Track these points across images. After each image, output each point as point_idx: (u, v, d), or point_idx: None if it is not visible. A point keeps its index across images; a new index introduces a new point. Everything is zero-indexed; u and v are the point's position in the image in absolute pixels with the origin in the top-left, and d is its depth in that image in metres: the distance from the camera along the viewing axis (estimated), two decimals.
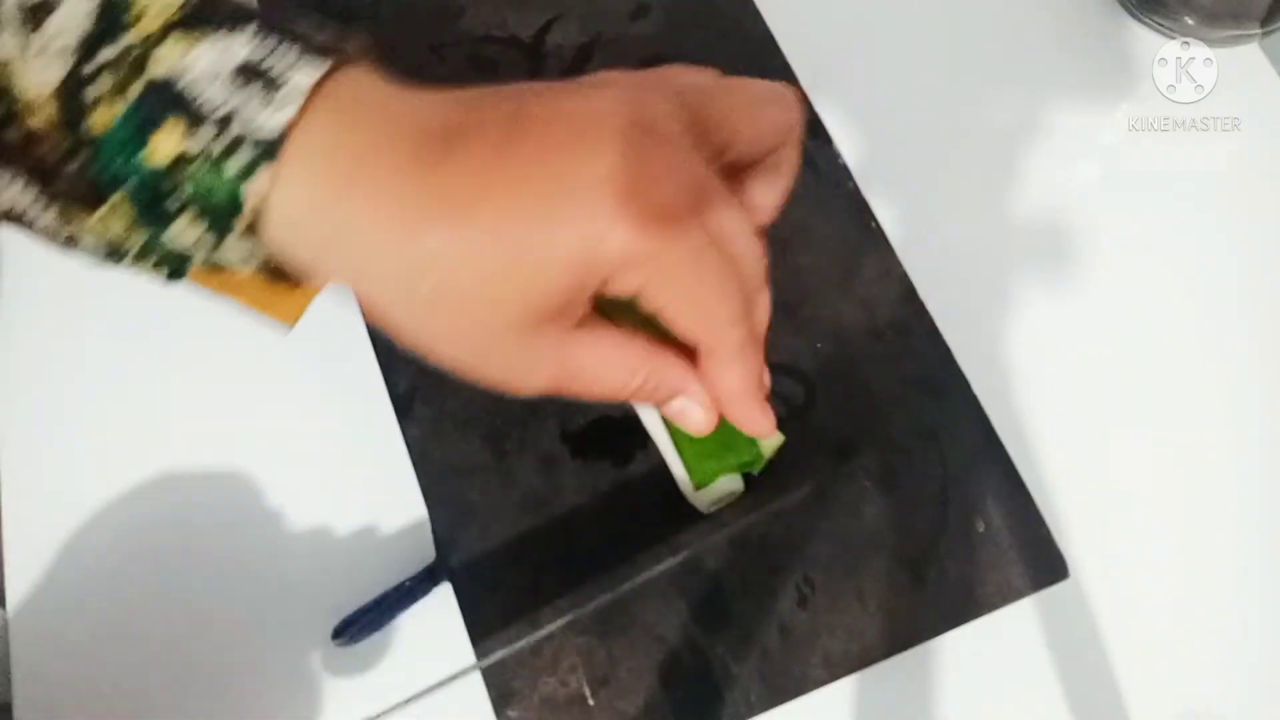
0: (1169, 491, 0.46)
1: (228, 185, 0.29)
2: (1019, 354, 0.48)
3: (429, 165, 0.29)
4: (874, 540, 0.42)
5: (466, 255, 0.29)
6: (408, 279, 0.30)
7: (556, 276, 0.29)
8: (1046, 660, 0.43)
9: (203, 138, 0.29)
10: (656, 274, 0.30)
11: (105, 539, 0.44)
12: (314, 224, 0.30)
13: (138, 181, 0.30)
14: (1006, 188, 0.51)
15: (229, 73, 0.29)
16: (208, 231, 0.31)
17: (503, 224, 0.29)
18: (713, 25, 0.50)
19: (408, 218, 0.29)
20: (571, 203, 0.29)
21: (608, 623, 0.40)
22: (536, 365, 0.32)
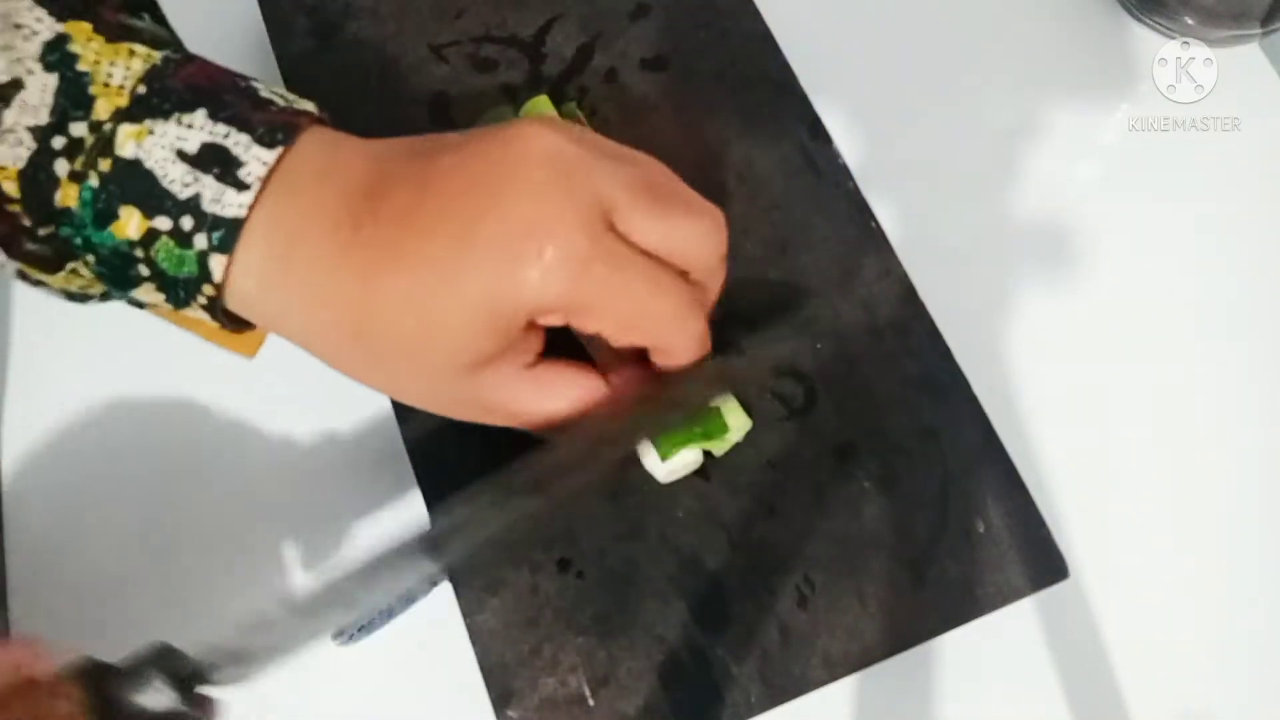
0: (1169, 492, 0.46)
1: (195, 259, 0.30)
2: (1019, 354, 0.48)
3: (350, 231, 0.30)
4: (874, 540, 0.42)
5: (388, 315, 0.30)
6: (346, 339, 0.31)
7: (471, 326, 0.30)
8: (1046, 660, 0.43)
9: (172, 215, 0.30)
10: (577, 307, 0.30)
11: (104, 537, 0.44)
12: (261, 298, 0.31)
13: (108, 250, 0.30)
14: (1007, 188, 0.51)
15: (192, 155, 0.30)
16: (168, 301, 0.32)
17: (413, 283, 0.30)
18: (713, 25, 0.50)
19: (331, 291, 0.30)
20: (473, 255, 0.29)
21: (607, 622, 0.40)
22: (492, 406, 0.33)
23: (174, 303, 0.32)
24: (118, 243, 0.30)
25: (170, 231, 0.30)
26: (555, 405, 0.34)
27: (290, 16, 0.50)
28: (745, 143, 0.48)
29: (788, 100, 0.49)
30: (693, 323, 0.33)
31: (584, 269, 0.29)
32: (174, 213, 0.30)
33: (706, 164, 0.47)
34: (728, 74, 0.49)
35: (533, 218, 0.29)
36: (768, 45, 0.50)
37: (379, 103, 0.49)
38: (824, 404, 0.43)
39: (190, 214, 0.30)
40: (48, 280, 0.33)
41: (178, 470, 0.45)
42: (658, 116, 0.48)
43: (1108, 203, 0.51)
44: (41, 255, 0.32)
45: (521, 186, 0.30)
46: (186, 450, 0.46)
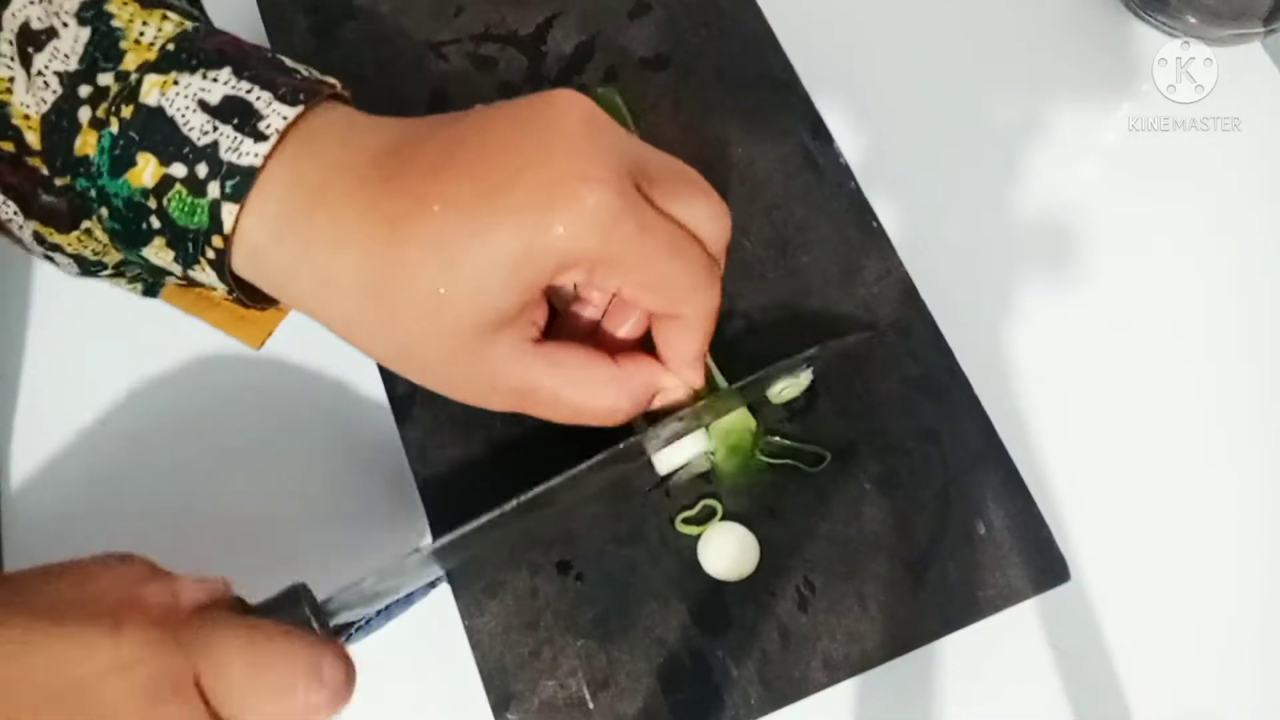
0: (1171, 493, 0.46)
1: (207, 207, 0.30)
2: (1021, 354, 0.48)
3: (376, 188, 0.31)
4: (874, 542, 0.41)
5: (412, 268, 0.30)
6: (363, 295, 0.31)
7: (499, 279, 0.30)
8: (1048, 663, 0.43)
9: (187, 162, 0.30)
10: (605, 260, 0.31)
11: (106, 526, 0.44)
12: (276, 250, 0.31)
13: (121, 201, 0.31)
14: (1008, 187, 0.51)
15: (213, 106, 0.30)
16: (175, 260, 0.32)
17: (442, 234, 0.30)
18: (714, 23, 0.50)
19: (358, 238, 0.31)
20: (509, 203, 0.30)
21: (607, 625, 0.40)
22: (498, 377, 0.33)
23: (182, 260, 0.32)
24: (132, 191, 0.31)
25: (185, 179, 0.30)
26: (568, 386, 0.34)
27: (289, 15, 0.50)
28: (746, 142, 0.47)
29: (789, 99, 0.48)
30: (708, 292, 0.33)
31: (615, 223, 0.30)
32: (190, 160, 0.30)
33: (707, 163, 0.47)
34: (728, 73, 0.49)
35: (572, 170, 0.30)
36: (769, 44, 0.49)
37: (378, 101, 0.48)
38: (824, 404, 0.43)
39: (206, 161, 0.30)
40: (62, 242, 0.33)
41: (182, 460, 0.45)
42: (658, 115, 0.48)
43: (1110, 203, 0.51)
44: (56, 210, 0.32)
45: (562, 142, 0.30)
46: (190, 441, 0.45)
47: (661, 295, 0.33)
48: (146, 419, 0.46)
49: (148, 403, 0.46)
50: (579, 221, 0.30)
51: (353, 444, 0.45)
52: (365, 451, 0.45)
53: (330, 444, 0.45)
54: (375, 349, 0.33)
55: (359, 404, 0.45)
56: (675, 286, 0.33)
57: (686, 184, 0.33)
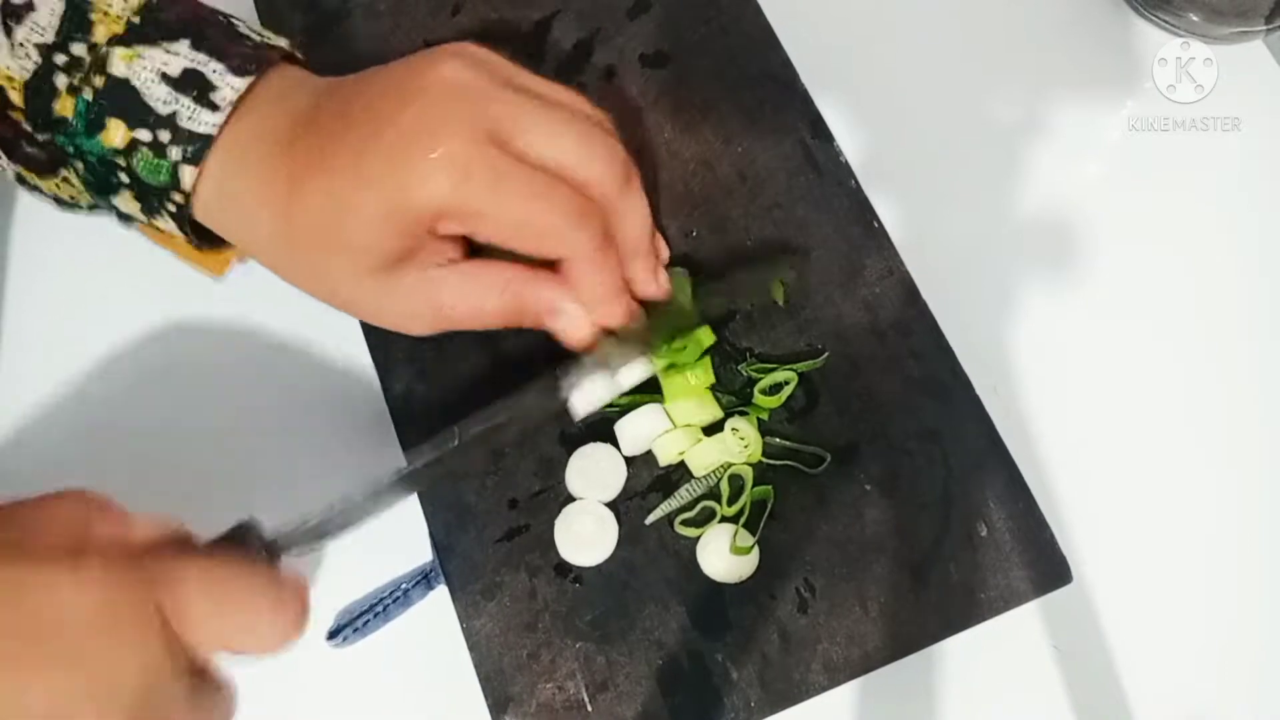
0: (1173, 494, 0.46)
1: (168, 169, 0.35)
2: (1022, 355, 0.47)
3: (287, 146, 0.35)
4: (875, 544, 0.41)
5: (310, 212, 0.35)
6: (278, 239, 0.36)
7: (379, 226, 0.34)
8: (1050, 665, 0.43)
9: (151, 128, 0.35)
10: (464, 211, 0.34)
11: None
12: (218, 206, 0.36)
13: (95, 158, 0.35)
14: (1009, 187, 0.51)
15: (174, 78, 0.35)
16: (141, 210, 0.37)
17: (329, 184, 0.34)
18: (714, 21, 0.49)
19: (269, 192, 0.35)
20: (375, 160, 0.34)
21: (606, 627, 0.40)
22: (410, 304, 0.37)
23: (147, 211, 0.37)
24: (104, 150, 0.35)
25: (150, 144, 0.35)
26: (484, 298, 0.37)
27: (286, 13, 0.50)
28: (746, 140, 0.47)
29: (789, 98, 0.48)
30: (581, 232, 0.35)
31: (465, 173, 0.33)
32: (154, 126, 0.35)
33: (707, 162, 0.47)
34: (728, 71, 0.49)
35: (421, 127, 0.33)
36: (769, 42, 0.49)
37: None
38: (825, 405, 0.43)
39: (168, 128, 0.35)
40: (41, 185, 0.38)
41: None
42: (657, 114, 0.48)
43: (1111, 202, 0.51)
44: (37, 160, 0.36)
45: (417, 102, 0.34)
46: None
47: (533, 240, 0.35)
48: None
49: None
50: (429, 176, 0.33)
51: (351, 446, 0.45)
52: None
53: (328, 446, 0.45)
54: (298, 285, 0.37)
55: (356, 405, 0.45)
56: (543, 230, 0.35)
57: (557, 125, 0.35)
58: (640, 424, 0.41)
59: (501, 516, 0.41)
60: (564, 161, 0.35)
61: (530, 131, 0.34)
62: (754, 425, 0.42)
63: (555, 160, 0.35)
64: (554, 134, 0.35)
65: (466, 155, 0.33)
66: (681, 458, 0.42)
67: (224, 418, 0.45)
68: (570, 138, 0.35)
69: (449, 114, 0.34)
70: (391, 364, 0.43)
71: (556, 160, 0.35)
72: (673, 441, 0.41)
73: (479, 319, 0.37)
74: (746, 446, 0.41)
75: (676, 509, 0.41)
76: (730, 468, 0.41)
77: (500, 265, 0.37)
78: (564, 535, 0.41)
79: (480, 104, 0.34)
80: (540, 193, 0.34)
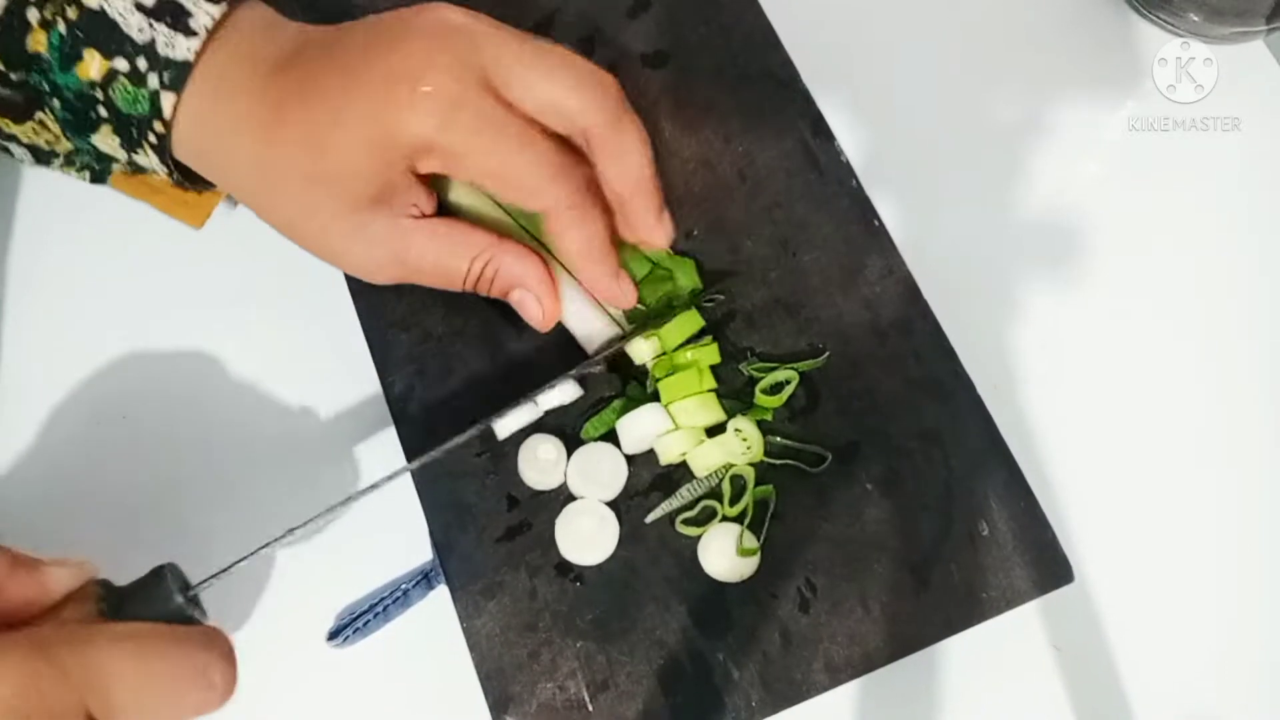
0: (1174, 494, 0.46)
1: (148, 98, 0.35)
2: (1023, 354, 0.47)
3: (268, 77, 0.35)
4: (876, 543, 0.41)
5: (288, 151, 0.35)
6: (254, 174, 0.36)
7: (354, 157, 0.34)
8: (1051, 665, 0.43)
9: (129, 57, 0.34)
10: (447, 150, 0.34)
11: (97, 537, 0.43)
12: (196, 134, 0.36)
13: (71, 93, 0.35)
14: (1010, 187, 0.51)
15: (149, 7, 0.34)
16: (120, 145, 0.36)
17: (309, 116, 0.35)
18: (714, 21, 0.49)
19: (248, 126, 0.35)
20: (358, 94, 0.34)
21: (607, 627, 0.40)
22: (376, 248, 0.37)
23: (127, 145, 0.36)
24: (80, 85, 0.35)
25: (128, 73, 0.34)
26: (450, 257, 0.38)
27: (288, 12, 0.49)
28: (747, 140, 0.47)
29: (790, 97, 0.48)
30: (559, 186, 0.36)
31: (452, 112, 0.34)
32: (131, 54, 0.34)
33: (708, 161, 0.47)
34: (729, 70, 0.49)
35: (410, 65, 0.34)
36: (770, 41, 0.49)
37: None
38: (826, 404, 0.43)
39: (145, 56, 0.34)
40: (17, 133, 0.37)
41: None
42: (658, 113, 0.48)
43: (1111, 202, 0.51)
44: (12, 103, 0.36)
45: (410, 40, 0.35)
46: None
47: (512, 187, 0.36)
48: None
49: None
50: (415, 110, 0.34)
51: (351, 446, 0.45)
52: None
53: (327, 446, 0.45)
54: (271, 220, 0.38)
55: (356, 405, 0.45)
56: (523, 177, 0.35)
57: (552, 63, 0.36)
58: (642, 422, 0.41)
59: (501, 516, 0.41)
60: (556, 98, 0.35)
61: (524, 71, 0.35)
62: (756, 426, 0.42)
63: (549, 98, 0.35)
64: (548, 71, 0.35)
65: (455, 94, 0.34)
66: (683, 458, 0.42)
67: (224, 418, 0.45)
68: (563, 75, 0.36)
69: (441, 52, 0.34)
70: (391, 364, 0.43)
71: (550, 97, 0.35)
72: (675, 442, 0.41)
73: (442, 278, 0.38)
74: (749, 448, 0.41)
75: (677, 508, 0.41)
76: (732, 468, 0.41)
77: (471, 230, 0.38)
78: (565, 534, 0.40)
79: (473, 44, 0.35)
80: (522, 143, 0.35)
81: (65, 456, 0.44)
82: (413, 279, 0.38)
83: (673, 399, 0.41)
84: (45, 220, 0.47)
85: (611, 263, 0.39)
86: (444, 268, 0.38)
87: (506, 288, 0.39)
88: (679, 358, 0.42)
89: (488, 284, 0.39)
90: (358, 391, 0.45)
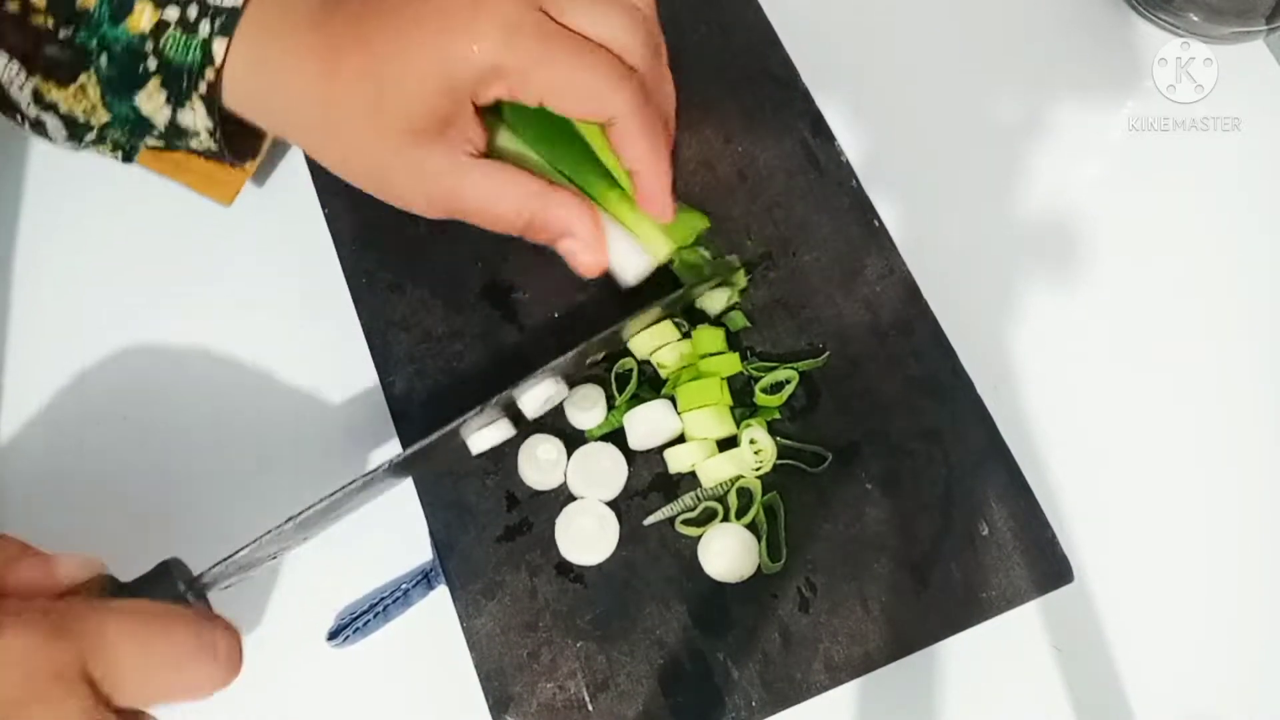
0: (1174, 494, 0.46)
1: (199, 45, 0.35)
2: (1023, 354, 0.47)
3: (321, 21, 0.36)
4: (876, 543, 0.41)
5: (350, 82, 0.36)
6: (314, 108, 0.36)
7: (421, 88, 0.35)
8: (1051, 664, 0.43)
9: (181, 5, 0.35)
10: (511, 71, 0.35)
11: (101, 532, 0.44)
12: (249, 78, 0.36)
13: (120, 46, 0.35)
14: (1010, 187, 0.51)
15: None
16: (167, 100, 0.36)
17: (373, 54, 0.35)
18: (714, 21, 0.49)
19: (304, 63, 0.36)
20: (420, 29, 0.35)
21: (607, 626, 0.40)
22: (431, 183, 0.38)
23: (174, 99, 0.36)
24: (130, 37, 0.35)
25: (178, 21, 0.35)
26: (502, 199, 0.38)
27: None
28: (747, 140, 0.47)
29: (790, 97, 0.48)
30: (623, 93, 0.37)
31: (513, 33, 0.35)
32: (182, 3, 0.35)
33: (708, 161, 0.47)
34: (729, 70, 0.49)
35: None
36: (769, 41, 0.49)
37: None
38: (826, 404, 0.43)
39: (196, 3, 0.35)
40: (58, 99, 0.37)
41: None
42: None
43: (1111, 202, 0.51)
44: (58, 63, 0.36)
45: None
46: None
47: (578, 98, 0.37)
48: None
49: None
50: (479, 33, 0.35)
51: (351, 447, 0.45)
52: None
53: (327, 446, 0.45)
54: (326, 157, 0.38)
55: (356, 406, 0.45)
56: (589, 88, 0.36)
57: (604, 9, 0.37)
58: (649, 418, 0.41)
59: (501, 516, 0.41)
60: (605, 29, 0.36)
61: (575, 6, 0.36)
62: (769, 435, 0.41)
63: (596, 28, 0.36)
64: (598, 10, 0.36)
65: (513, 15, 0.35)
66: (694, 469, 0.41)
67: (223, 418, 0.45)
68: (614, 15, 0.37)
69: None
70: (391, 364, 0.43)
71: (597, 28, 0.36)
72: (686, 453, 0.41)
73: (492, 218, 0.38)
74: (760, 464, 0.41)
75: (679, 510, 0.41)
76: (739, 480, 0.41)
77: (525, 174, 0.38)
78: (565, 534, 0.40)
79: None
80: (585, 53, 0.36)
81: (67, 456, 0.44)
82: (463, 216, 0.39)
83: (689, 407, 0.41)
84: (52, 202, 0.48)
85: (670, 174, 0.40)
86: (497, 209, 0.38)
87: (556, 235, 0.39)
88: (703, 365, 0.42)
89: (537, 229, 0.39)
90: (358, 391, 0.45)
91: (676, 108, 0.41)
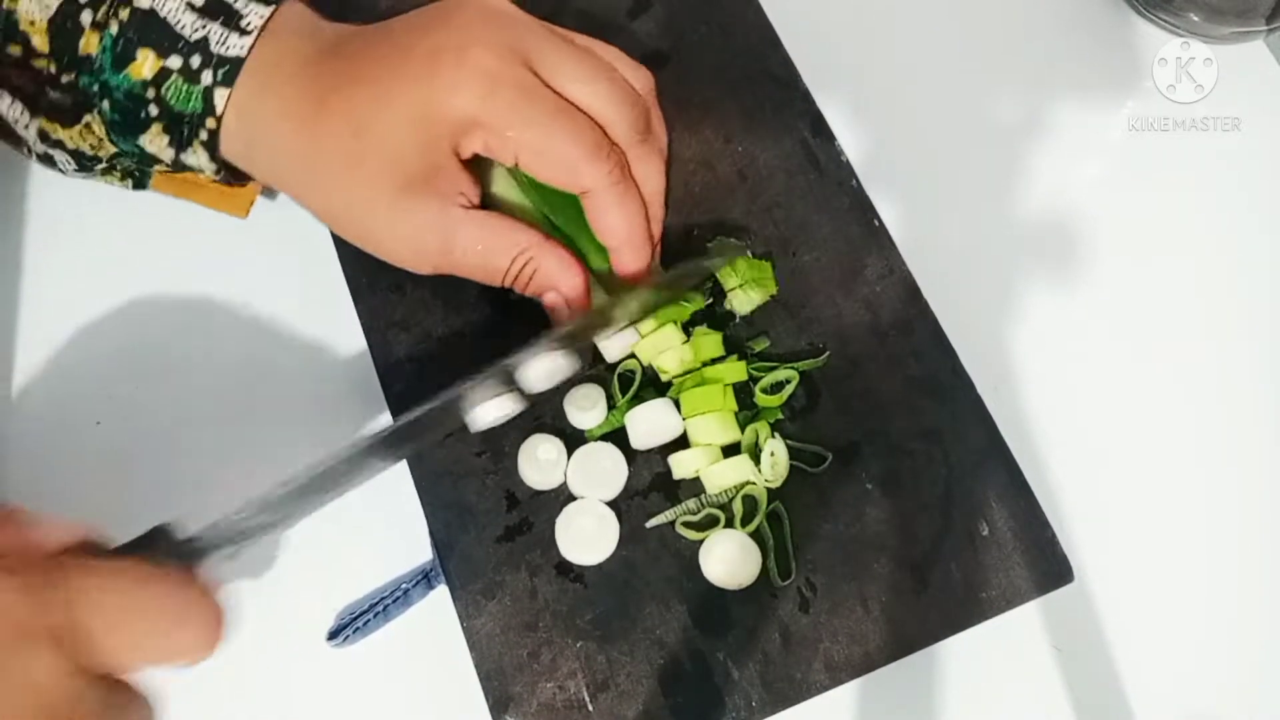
0: (1174, 494, 0.46)
1: (201, 94, 0.35)
2: (1023, 354, 0.47)
3: (312, 69, 0.36)
4: (876, 543, 0.41)
5: (332, 134, 0.36)
6: (298, 160, 0.37)
7: (400, 140, 0.35)
8: (1051, 664, 0.43)
9: (183, 55, 0.35)
10: (490, 124, 0.35)
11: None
12: (242, 127, 0.36)
13: (122, 93, 0.36)
14: (1010, 186, 0.51)
15: (199, 6, 0.35)
16: (169, 144, 0.37)
17: (352, 101, 0.35)
18: (714, 21, 0.49)
19: (295, 114, 0.36)
20: (403, 74, 0.35)
21: (607, 626, 0.40)
22: (424, 237, 0.37)
23: (176, 144, 0.37)
24: (133, 84, 0.35)
25: (180, 69, 0.35)
26: (497, 250, 0.38)
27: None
28: (747, 140, 0.47)
29: (790, 97, 0.48)
30: (600, 164, 0.36)
31: (495, 84, 0.35)
32: (185, 52, 0.35)
33: (708, 161, 0.47)
34: (729, 70, 0.49)
35: (453, 44, 0.35)
36: (769, 41, 0.49)
37: None
38: (826, 404, 0.43)
39: (199, 53, 0.35)
40: (64, 138, 0.37)
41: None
42: None
43: (1111, 202, 0.51)
44: (61, 106, 0.36)
45: (454, 20, 0.36)
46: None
47: (550, 164, 0.36)
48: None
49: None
50: (460, 84, 0.34)
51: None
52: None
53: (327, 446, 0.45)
54: (314, 207, 0.38)
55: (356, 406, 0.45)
56: (563, 155, 0.36)
57: (587, 68, 0.36)
58: (650, 417, 0.41)
59: (501, 516, 0.41)
60: (591, 97, 0.36)
61: (563, 65, 0.36)
62: (783, 444, 0.41)
63: (582, 95, 0.36)
64: (582, 74, 0.36)
65: (496, 69, 0.35)
66: (698, 474, 0.41)
67: (223, 417, 0.45)
68: (603, 85, 0.36)
69: (483, 33, 0.35)
70: (391, 364, 0.43)
71: (583, 95, 0.36)
72: (691, 459, 0.41)
73: (483, 271, 0.38)
74: (773, 479, 0.41)
75: (681, 514, 0.41)
76: (744, 487, 0.41)
77: (518, 225, 0.38)
78: (565, 534, 0.40)
79: (515, 30, 0.36)
80: (565, 118, 0.35)
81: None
82: (454, 270, 0.38)
83: (694, 412, 0.41)
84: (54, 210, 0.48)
85: (649, 248, 0.39)
86: (488, 261, 0.38)
87: (542, 289, 0.39)
88: (709, 373, 0.42)
89: (524, 282, 0.39)
90: (357, 390, 0.45)
91: (667, 187, 0.41)
